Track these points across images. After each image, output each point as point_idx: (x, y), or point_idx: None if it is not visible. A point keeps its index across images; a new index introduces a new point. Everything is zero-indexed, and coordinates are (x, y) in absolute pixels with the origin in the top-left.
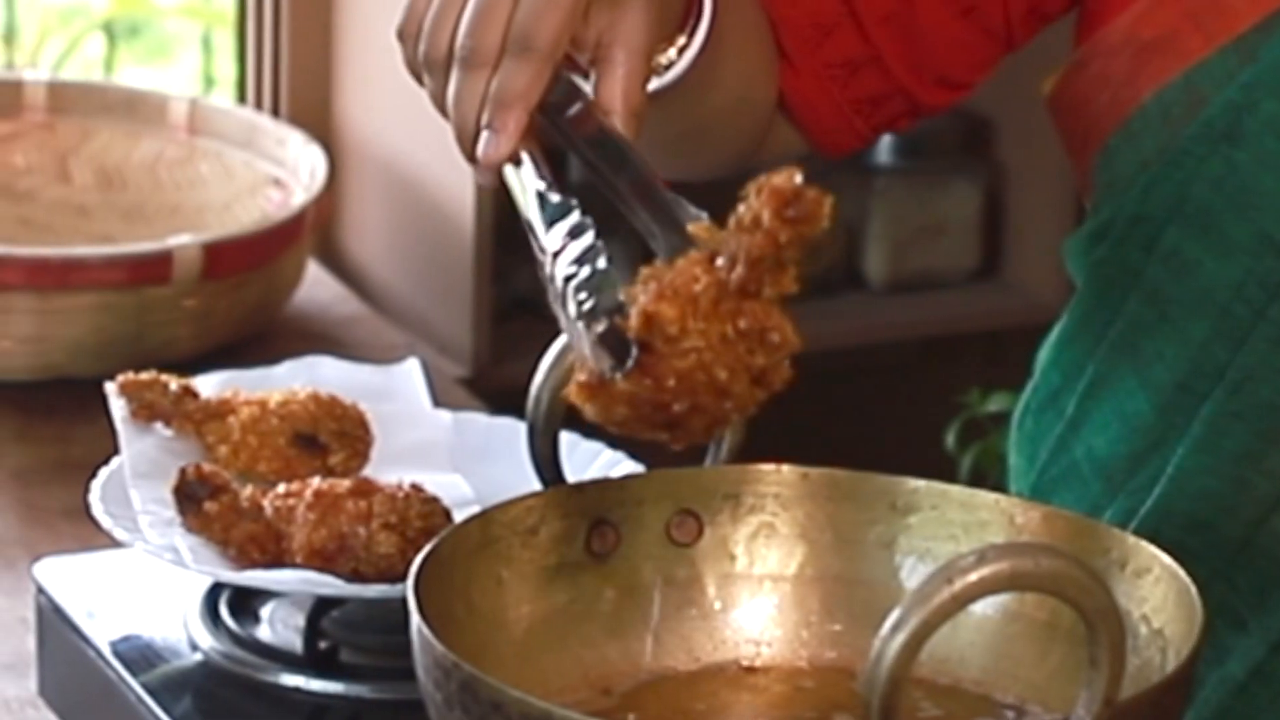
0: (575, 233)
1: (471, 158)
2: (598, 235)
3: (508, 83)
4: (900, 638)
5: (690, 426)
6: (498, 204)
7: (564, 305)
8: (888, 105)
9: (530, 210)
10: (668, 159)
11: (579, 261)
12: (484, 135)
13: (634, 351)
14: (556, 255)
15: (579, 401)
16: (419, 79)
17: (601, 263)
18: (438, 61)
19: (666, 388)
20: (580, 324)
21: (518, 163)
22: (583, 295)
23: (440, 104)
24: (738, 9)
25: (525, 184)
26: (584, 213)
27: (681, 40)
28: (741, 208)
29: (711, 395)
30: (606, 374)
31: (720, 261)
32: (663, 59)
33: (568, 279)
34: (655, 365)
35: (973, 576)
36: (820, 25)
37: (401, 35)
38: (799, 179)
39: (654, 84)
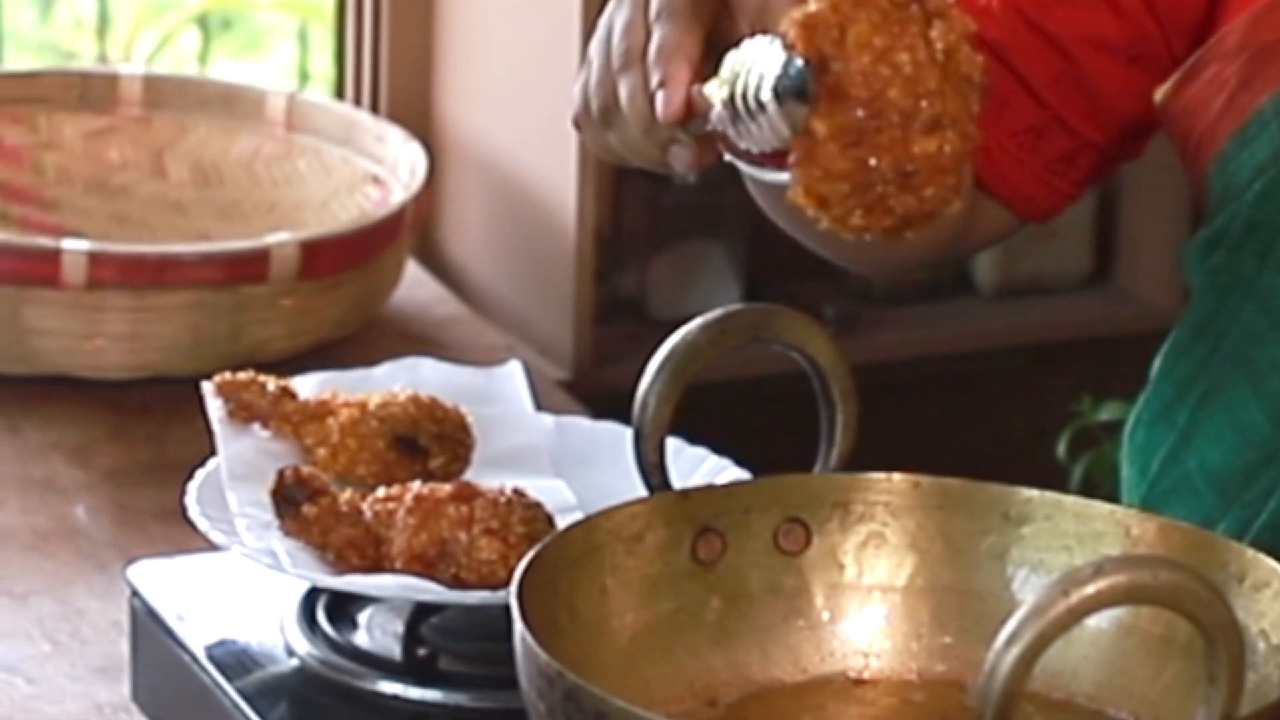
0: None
1: (662, 160)
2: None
3: (660, 41)
4: (1015, 651)
5: (923, 175)
6: (600, 203)
7: (746, 106)
8: (1081, 160)
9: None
10: (866, 257)
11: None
12: (657, 98)
13: (810, 77)
14: (731, 94)
15: (802, 196)
16: (608, 153)
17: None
18: (611, 108)
19: (857, 97)
20: (760, 96)
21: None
22: (749, 73)
23: (632, 148)
24: None
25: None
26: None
27: None
28: None
29: (910, 96)
30: (799, 121)
31: None
32: None
33: (733, 85)
34: (836, 80)
35: (1090, 589)
36: (995, 97)
37: (578, 123)
38: None
39: None
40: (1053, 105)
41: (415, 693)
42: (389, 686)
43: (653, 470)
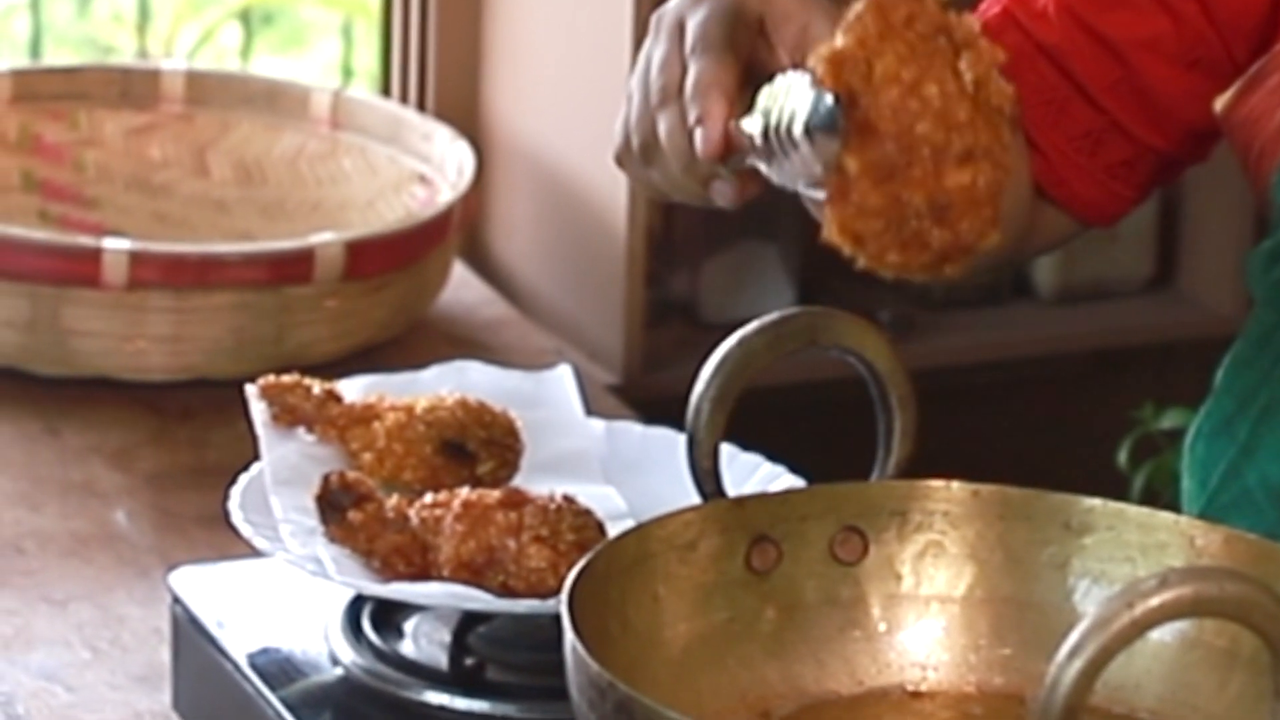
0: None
1: (705, 196)
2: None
3: (696, 76)
4: (1077, 664)
5: (957, 209)
6: (652, 203)
7: (779, 142)
8: (1142, 165)
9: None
10: None
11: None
12: (696, 135)
13: (839, 113)
14: (765, 129)
15: (836, 234)
16: (651, 189)
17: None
18: (651, 145)
19: (887, 132)
20: (792, 133)
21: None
22: (782, 110)
23: (674, 184)
24: None
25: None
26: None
27: None
28: None
29: (941, 129)
30: (831, 157)
31: None
32: None
33: (766, 121)
34: (865, 116)
35: (1154, 601)
36: (1052, 102)
37: (620, 159)
38: None
39: None
40: (1111, 111)
41: (462, 703)
42: (435, 697)
43: (706, 477)
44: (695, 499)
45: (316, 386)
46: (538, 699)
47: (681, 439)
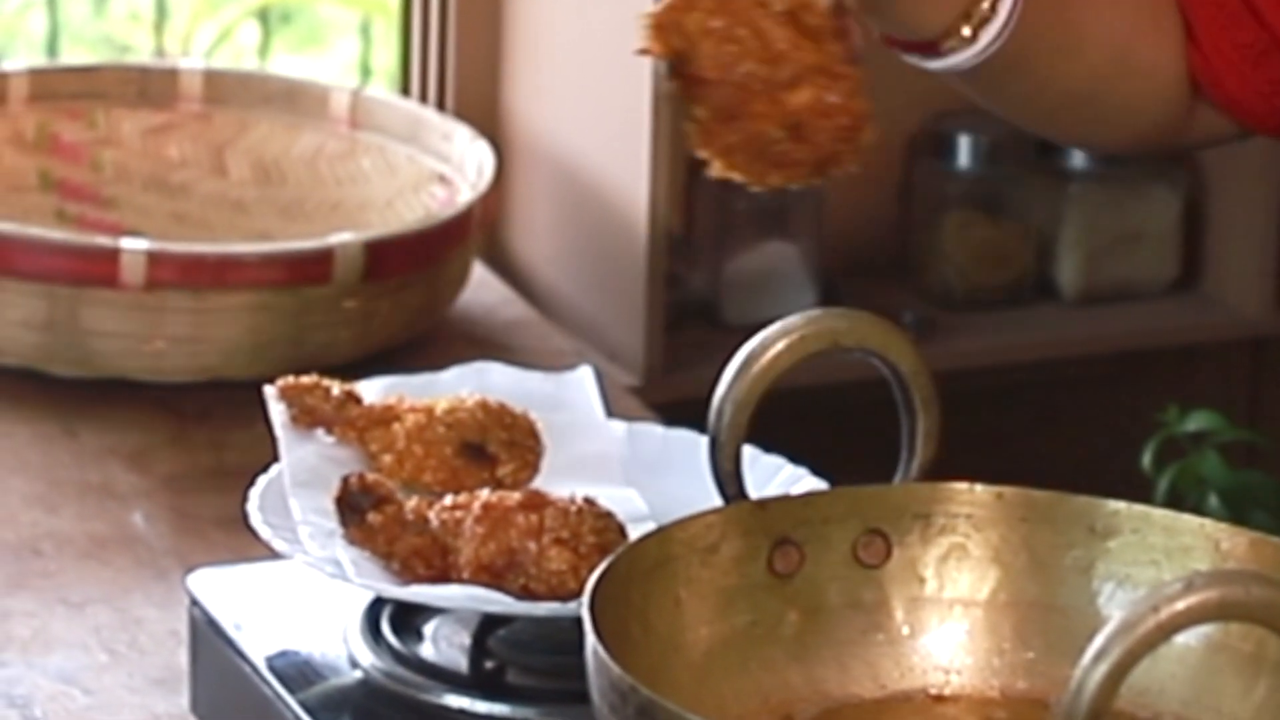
0: None
1: None
2: None
3: None
4: (1103, 668)
5: (811, 124)
6: (672, 204)
7: None
8: None
9: None
10: (1062, 128)
11: None
12: None
13: (669, 73)
14: None
15: (718, 170)
16: None
17: None
18: None
19: (715, 80)
20: None
21: None
22: None
23: None
24: None
25: None
26: None
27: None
28: None
29: (763, 64)
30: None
31: None
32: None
33: None
34: (694, 68)
35: (1180, 605)
36: (1224, 10)
37: None
38: None
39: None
40: (1275, 28)
41: (482, 707)
42: (455, 700)
43: (728, 479)
44: (717, 501)
45: (336, 388)
46: (558, 702)
47: (703, 441)
